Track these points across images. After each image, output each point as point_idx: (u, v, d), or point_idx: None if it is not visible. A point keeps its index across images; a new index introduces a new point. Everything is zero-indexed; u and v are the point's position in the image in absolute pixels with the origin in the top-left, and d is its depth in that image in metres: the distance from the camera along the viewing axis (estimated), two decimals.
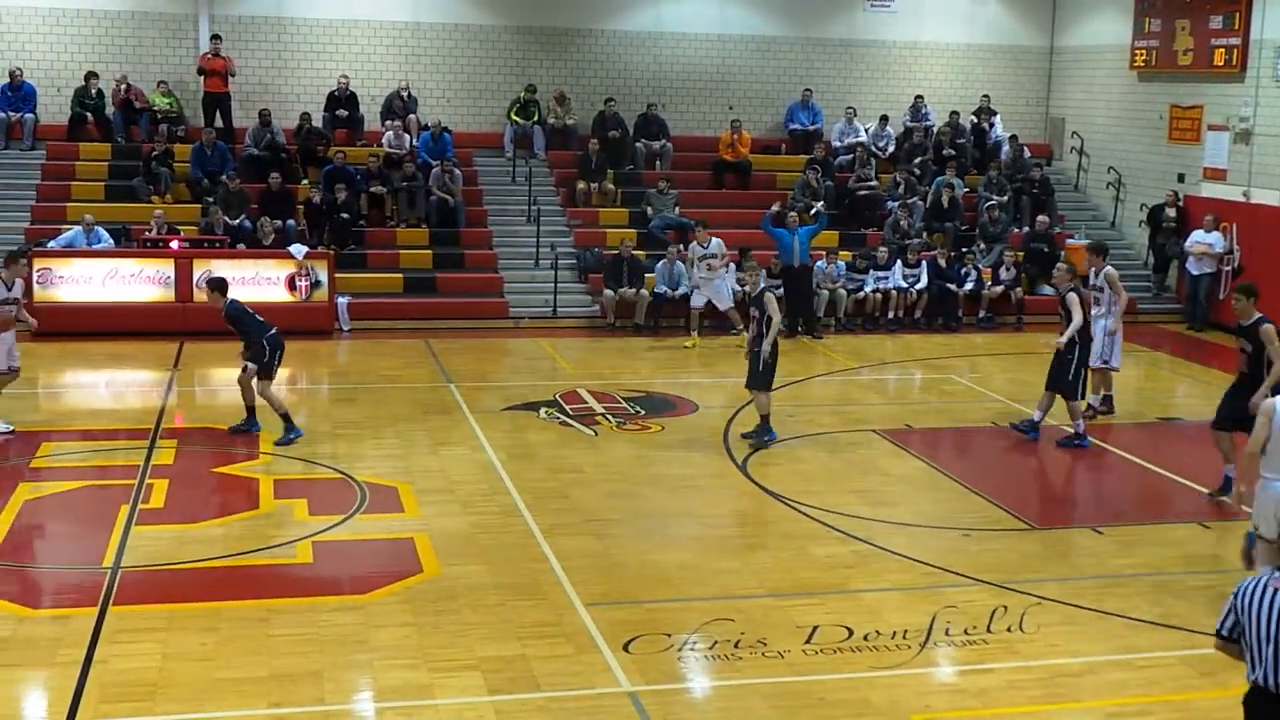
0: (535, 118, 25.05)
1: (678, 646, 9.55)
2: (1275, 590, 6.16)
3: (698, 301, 20.68)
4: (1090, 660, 9.59)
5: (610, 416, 15.93)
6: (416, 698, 8.70)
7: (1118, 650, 9.76)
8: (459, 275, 22.10)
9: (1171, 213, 23.59)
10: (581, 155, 24.33)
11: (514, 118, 24.98)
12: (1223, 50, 22.95)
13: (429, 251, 22.60)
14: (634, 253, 21.64)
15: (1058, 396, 15.03)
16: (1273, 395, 10.98)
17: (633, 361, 19.49)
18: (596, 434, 15.24)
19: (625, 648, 9.49)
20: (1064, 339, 14.68)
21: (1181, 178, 24.06)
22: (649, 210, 23.47)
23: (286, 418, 14.39)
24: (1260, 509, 9.81)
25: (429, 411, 16.02)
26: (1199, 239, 22.51)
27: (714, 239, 20.92)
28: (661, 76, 26.05)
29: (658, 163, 25.05)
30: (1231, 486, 12.60)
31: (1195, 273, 22.63)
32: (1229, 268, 22.33)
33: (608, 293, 21.34)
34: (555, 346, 20.21)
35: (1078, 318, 14.66)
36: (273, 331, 14.55)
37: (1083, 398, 15.09)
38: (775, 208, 21.28)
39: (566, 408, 16.23)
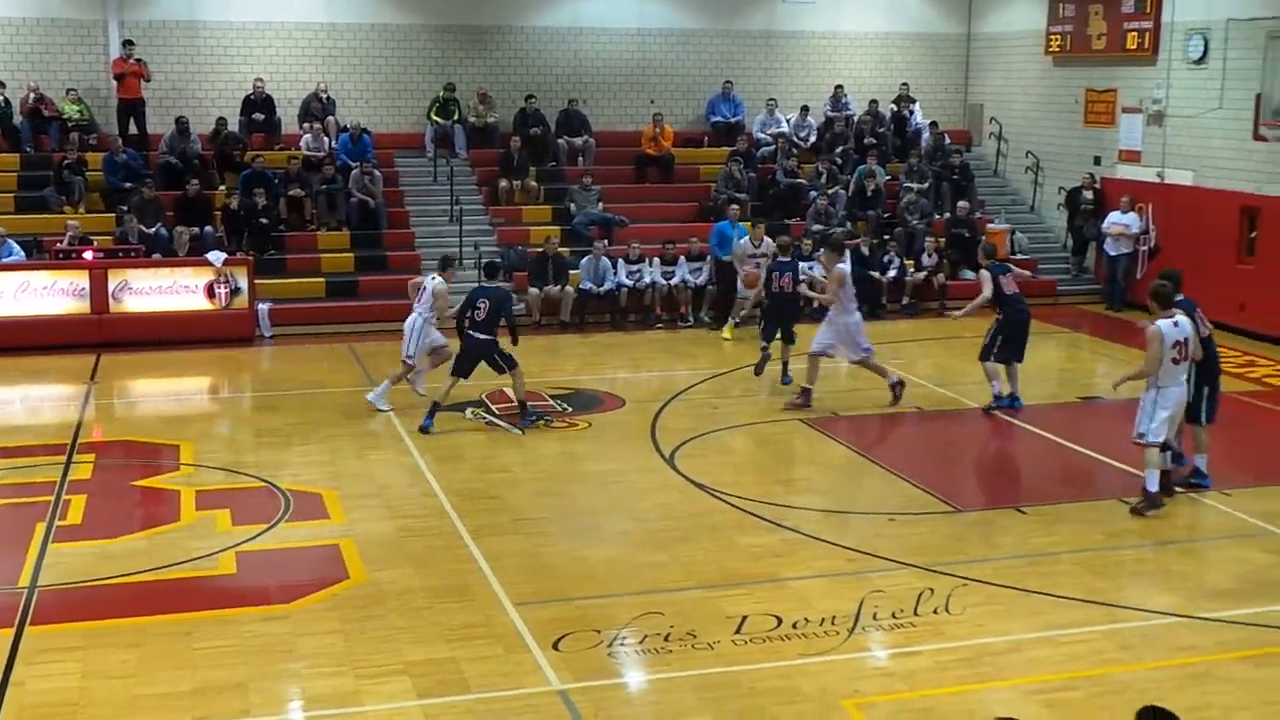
0: (456, 117, 24.91)
1: (607, 642, 9.55)
2: None
3: (745, 291, 20.62)
4: (1015, 639, 9.68)
5: (538, 415, 15.86)
6: (344, 705, 8.64)
7: (1042, 628, 9.87)
8: (382, 277, 21.90)
9: (1089, 195, 23.86)
10: (503, 153, 24.23)
11: (434, 117, 24.84)
12: (1135, 34, 23.23)
13: (350, 254, 22.41)
14: (559, 250, 21.58)
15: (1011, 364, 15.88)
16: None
17: (559, 359, 19.43)
18: (523, 433, 15.18)
19: (555, 646, 9.47)
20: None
21: (1098, 160, 24.35)
22: (572, 207, 23.42)
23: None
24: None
25: (354, 416, 15.87)
26: (1116, 220, 22.78)
27: (766, 239, 20.72)
28: (582, 72, 26.00)
29: (580, 159, 25.00)
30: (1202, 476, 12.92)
31: (1113, 254, 22.91)
32: (1145, 248, 22.62)
33: (533, 291, 21.27)
34: None
35: (987, 291, 15.71)
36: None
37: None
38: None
39: (493, 407, 16.15)
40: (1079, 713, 8.56)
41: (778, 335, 17.16)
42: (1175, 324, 11.93)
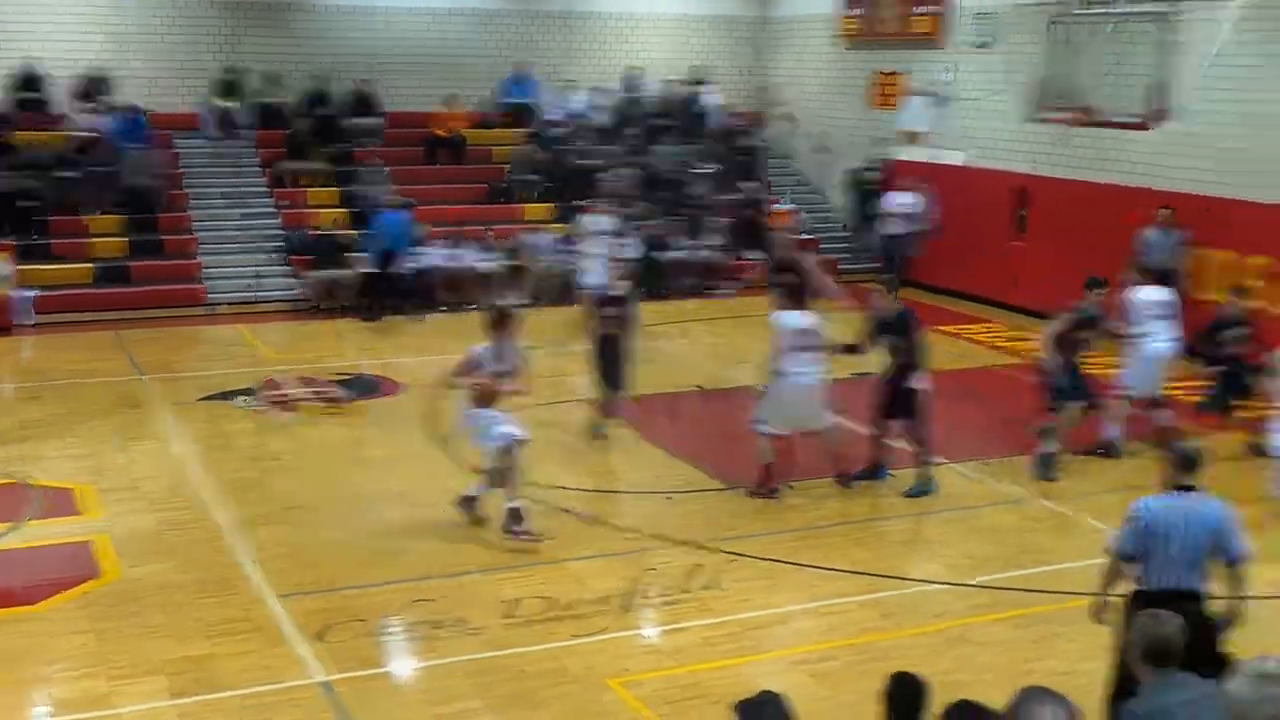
0: (241, 97, 24.17)
1: (374, 631, 9.38)
2: (1183, 506, 7.13)
3: (589, 280, 20.11)
4: (781, 611, 9.83)
5: (311, 401, 15.51)
6: (94, 709, 8.32)
7: (807, 600, 10.03)
8: (155, 263, 21.16)
9: (871, 176, 24.31)
10: (290, 134, 23.62)
11: (217, 98, 24.05)
12: (925, 18, 23.73)
13: (123, 239, 21.57)
14: (345, 232, 21.14)
15: None
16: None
17: (339, 344, 19.06)
18: (296, 420, 14.83)
19: (319, 637, 9.27)
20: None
21: (882, 141, 24.81)
22: (360, 189, 22.96)
23: None
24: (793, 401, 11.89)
25: (119, 406, 15.29)
26: (896, 200, 23.25)
27: (607, 217, 20.35)
28: (374, 52, 25.41)
29: (370, 140, 24.50)
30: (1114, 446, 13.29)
31: (893, 233, 23.37)
32: (924, 227, 23.15)
33: (315, 274, 20.79)
34: (256, 332, 19.56)
35: None
36: None
37: None
38: None
39: (266, 394, 15.74)
40: (841, 681, 8.71)
41: None
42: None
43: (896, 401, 12.47)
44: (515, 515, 11.04)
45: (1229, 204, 17.67)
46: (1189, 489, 7.21)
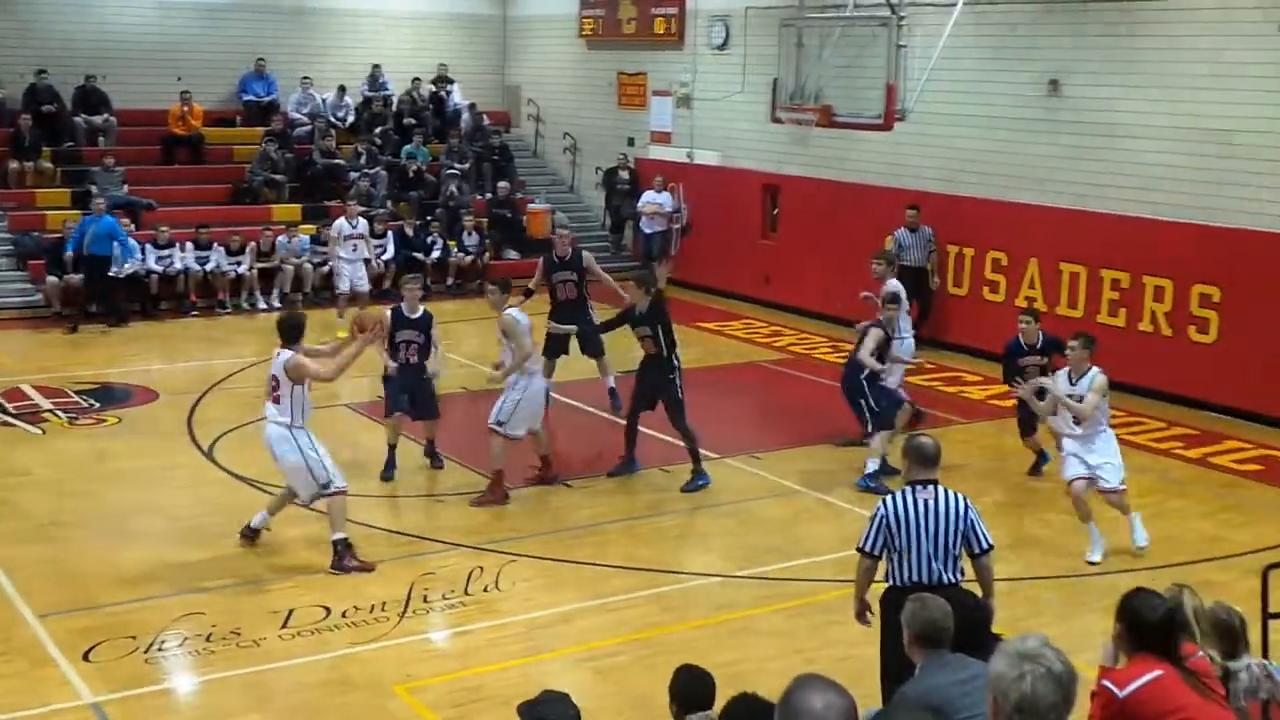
0: None
1: (144, 648, 9.08)
2: (925, 500, 7.29)
3: (343, 285, 19.52)
4: (565, 609, 9.86)
5: (60, 412, 14.86)
6: None
7: (590, 597, 10.10)
8: None
9: (625, 175, 24.60)
10: (13, 132, 22.45)
11: None
12: (663, 19, 24.10)
13: None
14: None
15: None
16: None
17: (84, 351, 18.23)
18: (44, 432, 14.17)
19: (85, 657, 8.92)
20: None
21: (632, 141, 25.13)
22: (94, 189, 22.00)
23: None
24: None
25: None
26: (650, 199, 23.57)
27: (361, 219, 19.96)
28: (100, 46, 24.37)
29: (100, 139, 23.52)
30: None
31: (648, 231, 23.68)
32: (678, 225, 23.55)
33: (51, 279, 19.86)
34: None
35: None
36: None
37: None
38: None
39: (8, 406, 14.98)
40: (626, 676, 8.80)
41: None
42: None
43: (653, 393, 12.67)
44: (344, 548, 10.65)
45: (963, 201, 18.54)
46: (928, 484, 7.37)
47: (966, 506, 7.34)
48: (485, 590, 10.15)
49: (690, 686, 5.65)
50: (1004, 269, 18.03)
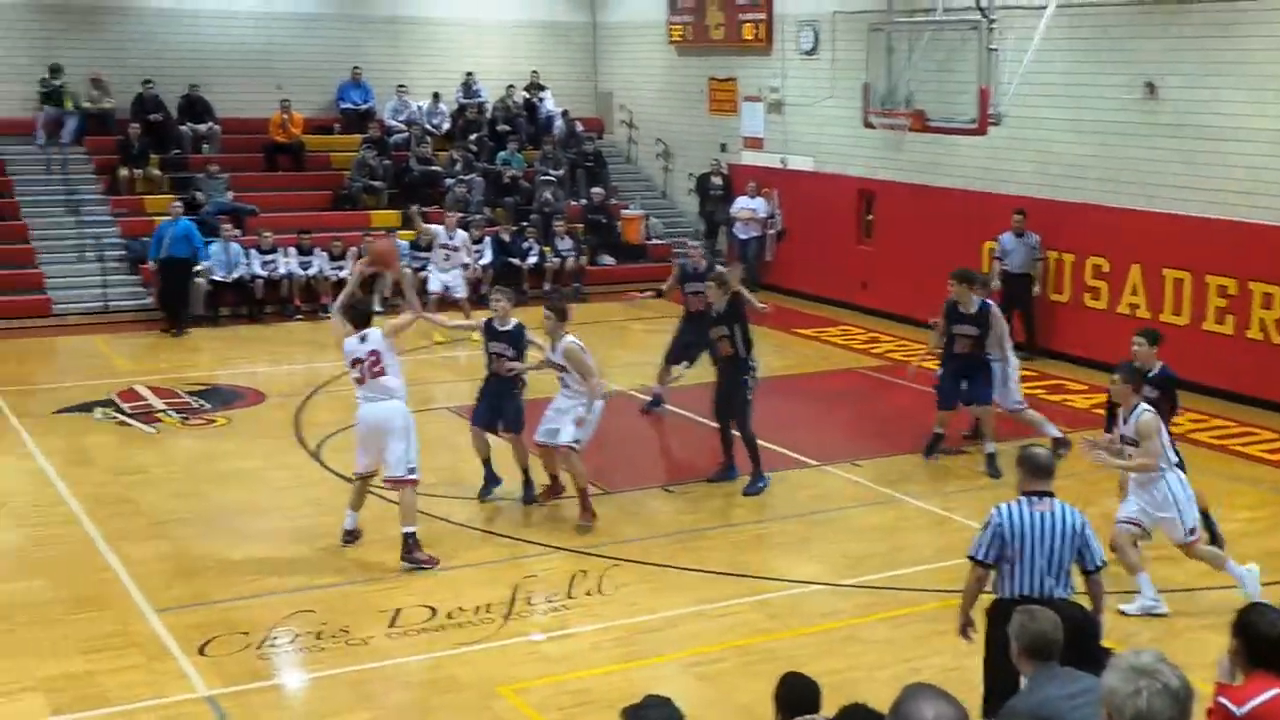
0: (66, 102, 23.43)
1: (256, 644, 9.28)
2: (1041, 513, 7.20)
3: (435, 286, 19.83)
4: (667, 615, 9.91)
5: (173, 412, 15.22)
6: None
7: (693, 603, 10.13)
8: None
9: (718, 181, 24.65)
10: (122, 141, 23.00)
11: (44, 103, 23.29)
12: (750, 25, 24.12)
13: None
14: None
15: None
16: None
17: (194, 354, 18.67)
18: (159, 432, 14.53)
19: (201, 651, 9.14)
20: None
21: (724, 147, 25.16)
22: (200, 196, 22.49)
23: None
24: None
25: None
26: (744, 205, 23.60)
27: (460, 231, 20.24)
28: (204, 56, 24.87)
29: (205, 146, 24.02)
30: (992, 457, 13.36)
31: (742, 237, 23.71)
32: (773, 231, 23.57)
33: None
34: (108, 343, 19.06)
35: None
36: None
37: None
38: None
39: (124, 406, 15.37)
40: (730, 683, 8.83)
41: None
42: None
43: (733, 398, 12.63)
44: (414, 541, 10.83)
45: (1061, 206, 18.38)
46: (1044, 495, 7.29)
47: (1083, 522, 7.27)
48: (588, 594, 10.23)
49: (796, 693, 5.65)
50: (1105, 275, 17.82)
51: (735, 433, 12.79)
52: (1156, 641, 8.98)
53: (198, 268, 20.27)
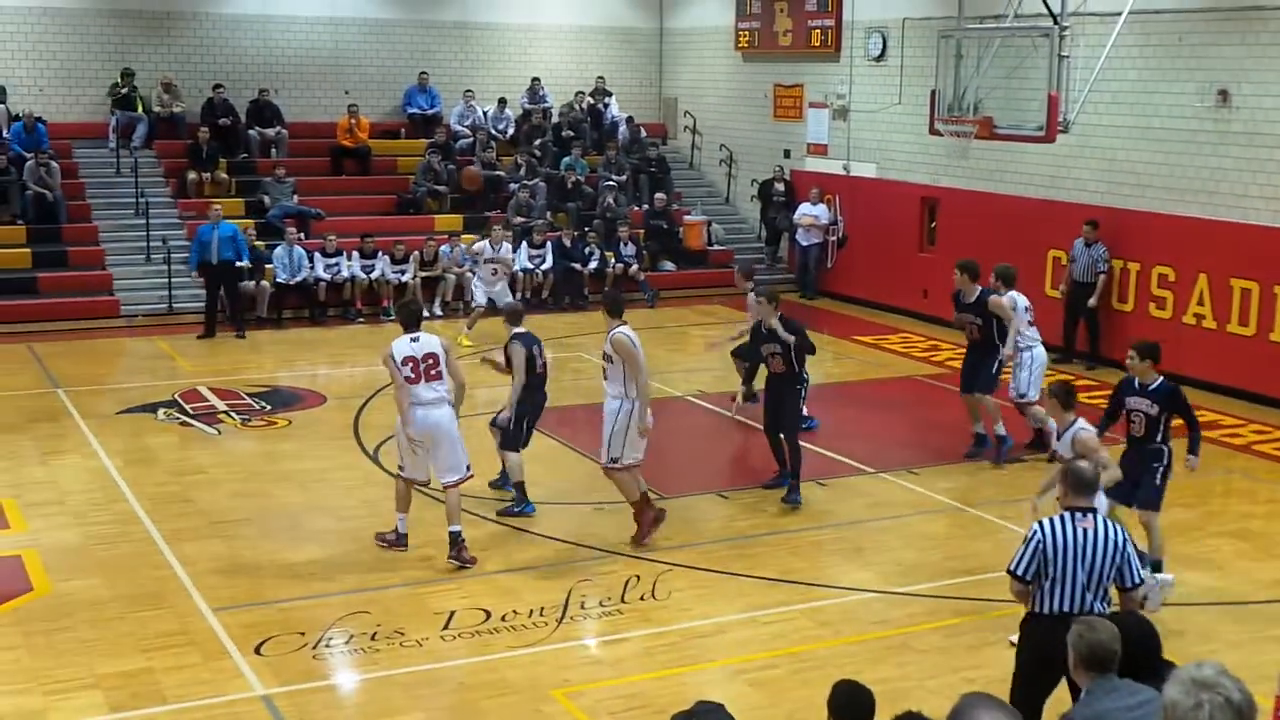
0: (138, 105, 23.81)
1: (312, 644, 9.36)
2: (1084, 529, 7.09)
3: (479, 298, 19.92)
4: (720, 621, 9.90)
5: (234, 414, 15.39)
6: None
7: (745, 609, 10.12)
8: (63, 274, 20.85)
9: (780, 187, 24.60)
10: (191, 144, 23.32)
11: (115, 107, 23.68)
12: (819, 31, 24.06)
13: (27, 250, 21.15)
14: (255, 243, 20.90)
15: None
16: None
17: (256, 355, 18.86)
18: (220, 433, 14.69)
19: (257, 650, 9.23)
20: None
21: (788, 153, 25.12)
22: (266, 199, 22.76)
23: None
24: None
25: (35, 420, 15.03)
26: (806, 211, 23.56)
27: (505, 244, 20.27)
28: (273, 61, 25.24)
29: (273, 150, 24.31)
30: (984, 443, 13.66)
31: (804, 244, 23.68)
32: (835, 238, 23.49)
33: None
34: (173, 344, 19.29)
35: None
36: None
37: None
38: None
39: (187, 407, 15.56)
40: (781, 689, 8.81)
41: None
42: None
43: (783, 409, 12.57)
44: (462, 540, 10.94)
45: (1127, 215, 18.19)
46: (1088, 512, 7.19)
47: (1125, 539, 7.18)
48: (642, 599, 10.24)
49: (851, 700, 5.61)
50: (1171, 285, 17.62)
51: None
52: (1216, 654, 8.85)
53: (241, 265, 20.15)
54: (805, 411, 13.49)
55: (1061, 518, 7.20)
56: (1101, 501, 8.62)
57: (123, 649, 9.21)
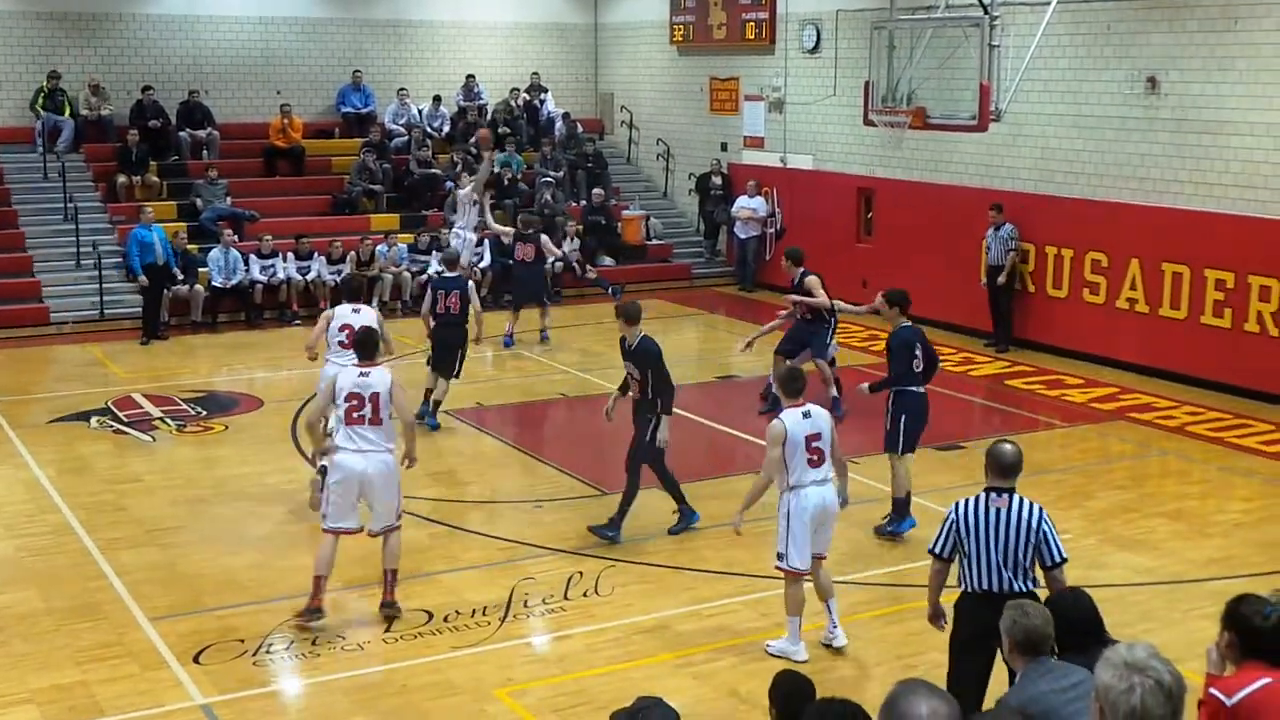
0: (65, 108, 23.44)
1: (252, 651, 9.25)
2: (997, 509, 7.22)
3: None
4: (662, 615, 9.91)
5: (169, 420, 15.19)
6: None
7: (688, 602, 10.13)
8: None
9: (718, 180, 24.62)
10: (120, 147, 23.00)
11: (40, 109, 23.30)
12: (753, 24, 24.09)
13: None
14: (187, 246, 20.64)
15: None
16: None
17: (191, 360, 18.64)
18: (155, 440, 14.50)
19: (196, 659, 9.13)
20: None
21: (725, 146, 25.15)
22: (199, 202, 22.49)
23: None
24: None
25: None
26: (743, 204, 23.59)
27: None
28: (203, 62, 24.92)
29: (204, 152, 24.02)
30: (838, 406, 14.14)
31: (742, 236, 23.72)
32: (773, 230, 23.54)
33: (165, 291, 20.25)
34: (106, 351, 19.02)
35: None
36: None
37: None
38: None
39: (120, 414, 15.34)
40: (725, 682, 8.83)
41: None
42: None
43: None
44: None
45: (1061, 202, 18.35)
46: (1003, 492, 7.27)
47: (1040, 519, 7.23)
48: (585, 595, 10.22)
49: (792, 690, 5.62)
50: (1104, 270, 17.80)
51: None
52: (1150, 634, 8.94)
53: (177, 274, 20.12)
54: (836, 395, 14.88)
55: (977, 497, 7.33)
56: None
57: (57, 662, 9.08)
